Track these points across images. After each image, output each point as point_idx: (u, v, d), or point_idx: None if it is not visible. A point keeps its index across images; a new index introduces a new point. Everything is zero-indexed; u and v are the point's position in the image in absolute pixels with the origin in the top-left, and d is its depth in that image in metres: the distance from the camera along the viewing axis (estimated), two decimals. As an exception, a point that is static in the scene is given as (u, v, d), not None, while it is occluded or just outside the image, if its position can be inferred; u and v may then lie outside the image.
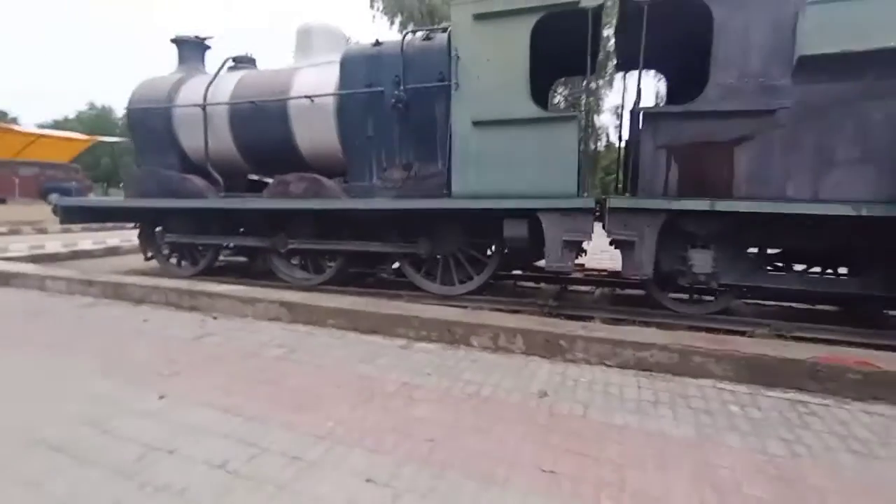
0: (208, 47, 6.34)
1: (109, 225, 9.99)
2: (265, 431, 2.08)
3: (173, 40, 6.15)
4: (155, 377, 2.72)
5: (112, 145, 10.59)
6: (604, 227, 3.61)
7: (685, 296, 4.13)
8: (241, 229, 5.44)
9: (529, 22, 3.62)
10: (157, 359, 3.02)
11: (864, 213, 2.91)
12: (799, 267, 3.91)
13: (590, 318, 3.79)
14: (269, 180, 6.54)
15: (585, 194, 3.78)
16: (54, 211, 6.08)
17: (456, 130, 3.96)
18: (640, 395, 2.48)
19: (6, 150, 17.17)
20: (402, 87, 4.29)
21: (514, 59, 3.69)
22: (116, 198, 6.63)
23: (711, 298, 4.00)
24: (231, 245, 5.97)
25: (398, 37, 4.55)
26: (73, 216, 6.01)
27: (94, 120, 42.52)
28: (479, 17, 3.75)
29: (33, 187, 18.37)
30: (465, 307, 4.05)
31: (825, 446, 1.97)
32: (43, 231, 12.37)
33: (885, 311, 3.58)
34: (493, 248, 4.45)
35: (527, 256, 4.43)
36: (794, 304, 4.42)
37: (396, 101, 4.24)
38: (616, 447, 1.96)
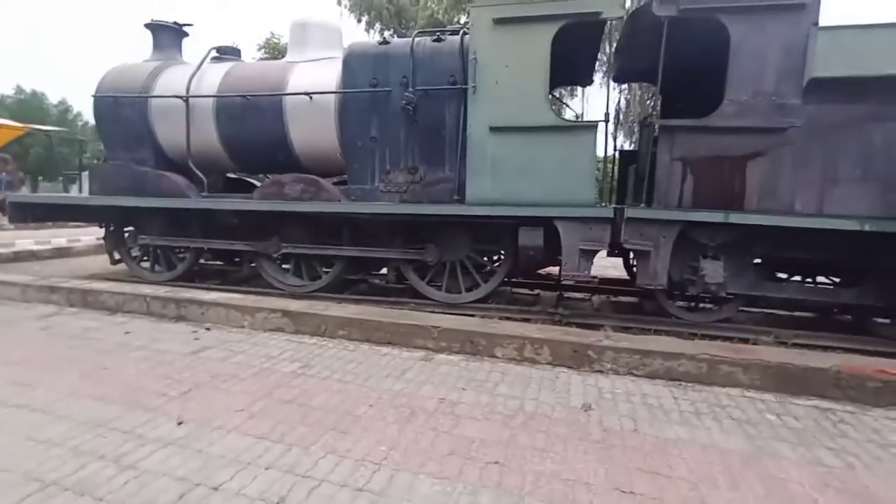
0: (186, 34, 5.88)
1: (49, 223, 9.00)
2: (312, 460, 1.90)
3: (148, 25, 5.65)
4: (161, 399, 2.44)
5: (47, 134, 9.56)
6: (619, 237, 3.64)
7: (687, 303, 4.26)
8: (226, 232, 5.05)
9: (552, 29, 3.60)
10: (156, 378, 2.73)
11: (867, 228, 3.10)
12: (796, 277, 4.14)
13: (600, 327, 3.81)
14: (252, 180, 6.21)
15: (603, 204, 3.80)
16: (1, 208, 5.41)
17: (471, 135, 3.87)
18: (680, 407, 2.50)
19: (-78, 135, 15.26)
20: (411, 89, 4.15)
21: (534, 65, 3.66)
22: (75, 194, 6.00)
23: (712, 307, 4.14)
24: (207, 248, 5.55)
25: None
26: (25, 213, 5.36)
27: (21, 106, 38.65)
28: (500, 22, 3.70)
29: (-45, 178, 16.41)
30: (474, 315, 3.97)
31: (872, 456, 2.05)
32: (-30, 228, 11.05)
33: (874, 319, 3.85)
34: (503, 255, 4.39)
35: (538, 264, 4.41)
36: (776, 312, 4.68)
37: (407, 103, 4.09)
38: (682, 464, 1.94)
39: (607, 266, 6.33)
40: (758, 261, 3.78)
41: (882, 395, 2.54)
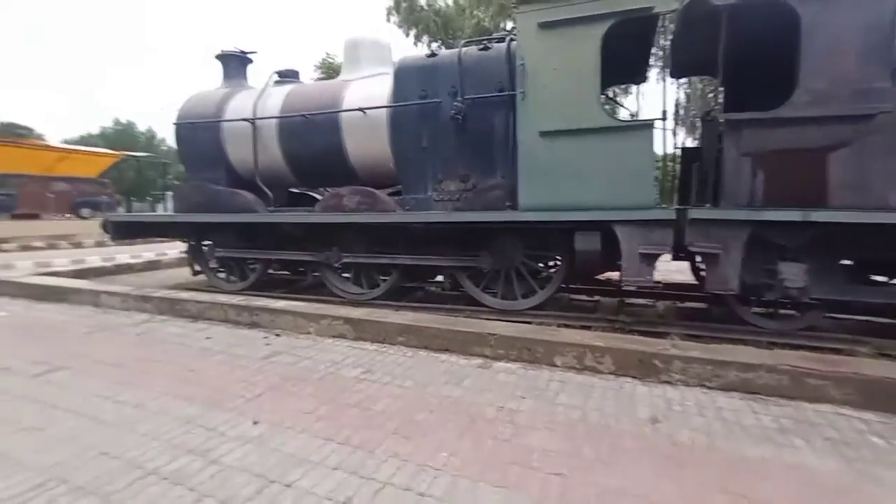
0: (251, 61, 6.38)
1: (139, 239, 10.03)
2: (376, 463, 1.96)
3: (218, 56, 6.20)
4: (238, 400, 2.63)
5: (137, 159, 10.80)
6: (683, 240, 3.45)
7: (764, 310, 3.93)
8: (291, 243, 5.37)
9: (601, 29, 3.51)
10: (234, 380, 2.94)
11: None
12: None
13: (666, 335, 3.62)
14: (313, 194, 6.57)
15: (664, 205, 3.63)
16: (104, 227, 6.12)
17: (522, 141, 3.85)
18: (761, 422, 2.31)
19: (39, 166, 17.65)
20: (460, 98, 4.21)
21: (584, 66, 3.58)
22: (160, 213, 6.66)
23: (794, 313, 3.80)
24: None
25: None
26: (123, 232, 6.04)
27: (117, 135, 43.63)
28: (546, 26, 3.67)
29: (66, 202, 18.80)
30: (531, 323, 3.92)
31: None
32: (78, 245, 12.58)
33: None
34: (559, 261, 4.31)
35: (595, 270, 4.28)
36: (873, 319, 4.18)
37: (456, 113, 4.16)
38: (766, 485, 1.80)
39: (672, 270, 6.00)
40: (847, 262, 3.42)
41: None
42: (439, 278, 5.11)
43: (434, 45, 20.64)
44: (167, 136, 44.13)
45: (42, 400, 2.65)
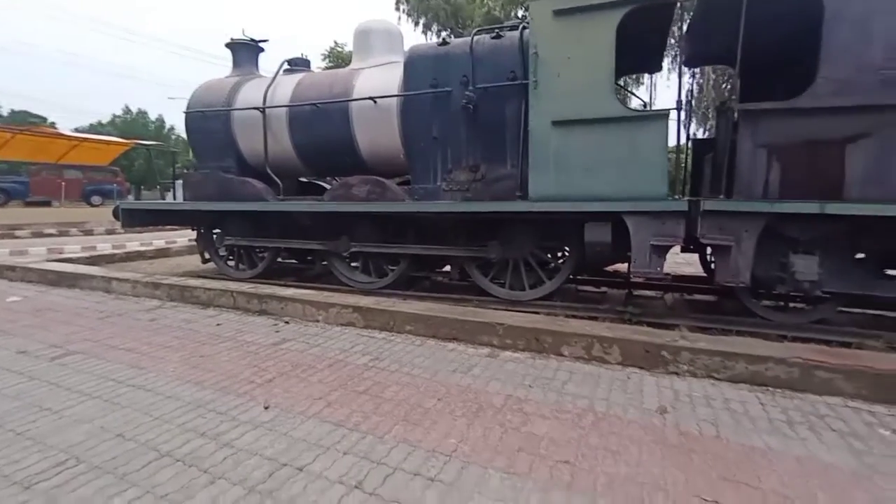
0: (262, 50, 6.36)
1: (149, 227, 10.15)
2: (386, 448, 1.99)
3: (228, 45, 6.19)
4: (250, 385, 2.67)
5: (147, 148, 10.90)
6: (696, 231, 3.42)
7: (775, 303, 3.90)
8: (300, 232, 5.40)
9: (616, 17, 3.45)
10: (244, 366, 2.98)
11: None
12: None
13: (675, 327, 3.60)
14: (322, 183, 6.58)
15: (676, 196, 3.59)
16: (115, 214, 6.19)
17: (533, 130, 3.82)
18: (769, 414, 2.31)
19: (52, 154, 17.82)
20: (471, 87, 4.18)
21: (598, 55, 3.53)
22: (170, 200, 6.71)
23: (805, 307, 3.76)
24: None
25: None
26: (134, 219, 6.10)
27: (128, 124, 43.85)
28: (560, 13, 3.61)
29: (77, 190, 19.01)
30: (539, 313, 3.92)
31: None
32: (89, 232, 12.74)
33: None
34: (568, 251, 4.29)
35: (605, 261, 4.26)
36: (888, 314, 4.13)
37: (467, 102, 4.13)
38: (773, 475, 1.80)
39: (680, 262, 5.96)
40: (861, 256, 3.37)
41: None
42: (447, 268, 5.12)
43: (444, 34, 20.47)
44: (178, 124, 44.39)
45: (58, 383, 2.71)
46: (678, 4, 3.64)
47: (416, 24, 22.72)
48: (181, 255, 8.50)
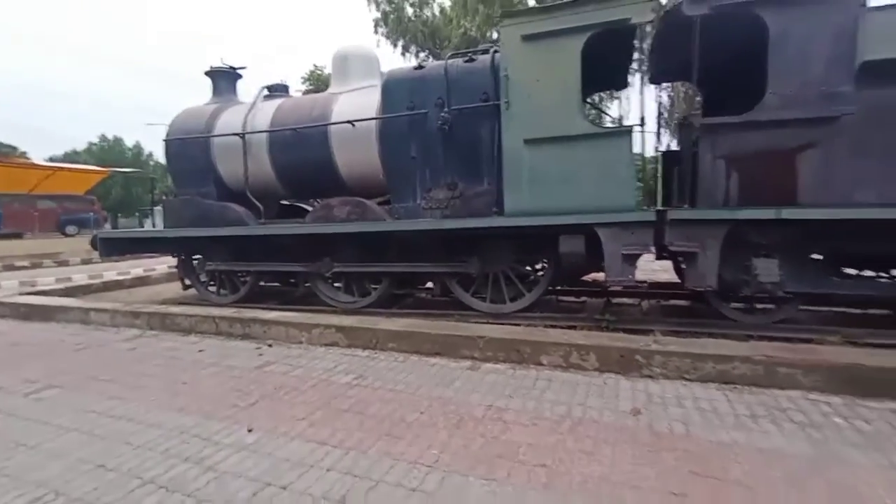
0: (240, 76, 6.46)
1: (127, 255, 9.97)
2: (369, 463, 2.03)
3: (207, 72, 6.27)
4: (233, 410, 2.68)
5: (124, 175, 10.75)
6: (664, 239, 3.58)
7: (742, 305, 4.07)
8: (282, 255, 5.42)
9: (580, 41, 3.67)
10: (227, 390, 2.99)
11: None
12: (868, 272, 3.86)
13: (649, 332, 3.73)
14: (303, 205, 6.63)
15: (645, 207, 3.76)
16: (93, 244, 6.12)
17: (506, 149, 3.97)
18: (735, 410, 2.43)
19: (24, 184, 17.47)
20: (446, 109, 4.33)
21: (565, 76, 3.72)
22: (149, 228, 6.68)
23: (771, 307, 3.94)
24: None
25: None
26: (112, 248, 6.04)
27: (104, 151, 43.25)
28: (528, 38, 3.81)
29: (52, 220, 18.56)
30: (519, 325, 4.01)
31: (956, 459, 1.90)
32: (64, 263, 12.45)
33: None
34: (546, 264, 4.42)
35: (580, 272, 4.40)
36: (847, 310, 4.35)
37: (443, 123, 4.28)
38: (737, 467, 1.90)
39: (657, 270, 6.15)
40: (818, 257, 3.58)
41: (970, 396, 2.33)
42: (429, 285, 5.19)
43: (422, 56, 20.92)
44: (155, 150, 43.94)
45: (34, 418, 2.67)
46: (638, 27, 3.86)
47: (395, 45, 23.20)
48: (160, 283, 8.38)
